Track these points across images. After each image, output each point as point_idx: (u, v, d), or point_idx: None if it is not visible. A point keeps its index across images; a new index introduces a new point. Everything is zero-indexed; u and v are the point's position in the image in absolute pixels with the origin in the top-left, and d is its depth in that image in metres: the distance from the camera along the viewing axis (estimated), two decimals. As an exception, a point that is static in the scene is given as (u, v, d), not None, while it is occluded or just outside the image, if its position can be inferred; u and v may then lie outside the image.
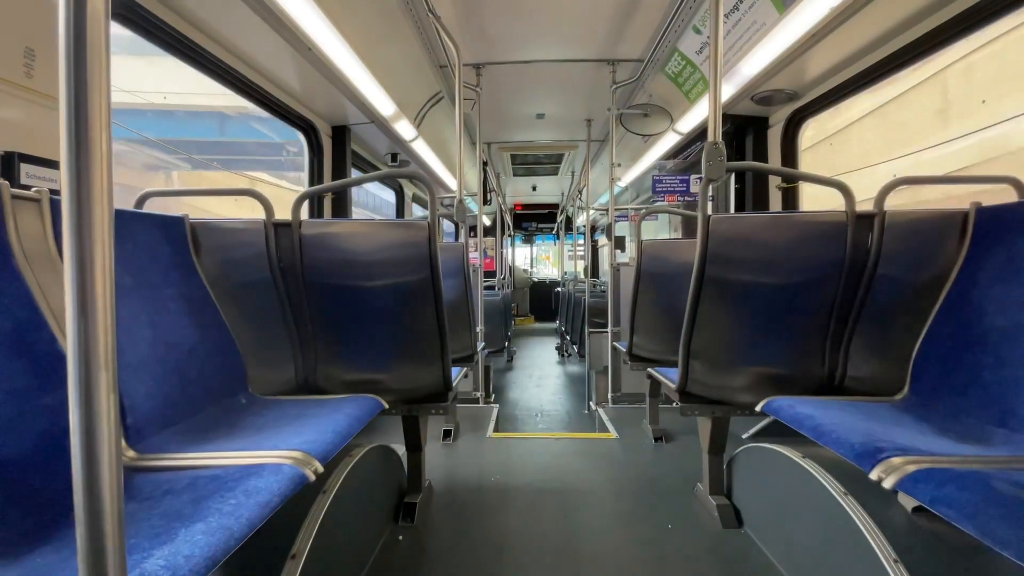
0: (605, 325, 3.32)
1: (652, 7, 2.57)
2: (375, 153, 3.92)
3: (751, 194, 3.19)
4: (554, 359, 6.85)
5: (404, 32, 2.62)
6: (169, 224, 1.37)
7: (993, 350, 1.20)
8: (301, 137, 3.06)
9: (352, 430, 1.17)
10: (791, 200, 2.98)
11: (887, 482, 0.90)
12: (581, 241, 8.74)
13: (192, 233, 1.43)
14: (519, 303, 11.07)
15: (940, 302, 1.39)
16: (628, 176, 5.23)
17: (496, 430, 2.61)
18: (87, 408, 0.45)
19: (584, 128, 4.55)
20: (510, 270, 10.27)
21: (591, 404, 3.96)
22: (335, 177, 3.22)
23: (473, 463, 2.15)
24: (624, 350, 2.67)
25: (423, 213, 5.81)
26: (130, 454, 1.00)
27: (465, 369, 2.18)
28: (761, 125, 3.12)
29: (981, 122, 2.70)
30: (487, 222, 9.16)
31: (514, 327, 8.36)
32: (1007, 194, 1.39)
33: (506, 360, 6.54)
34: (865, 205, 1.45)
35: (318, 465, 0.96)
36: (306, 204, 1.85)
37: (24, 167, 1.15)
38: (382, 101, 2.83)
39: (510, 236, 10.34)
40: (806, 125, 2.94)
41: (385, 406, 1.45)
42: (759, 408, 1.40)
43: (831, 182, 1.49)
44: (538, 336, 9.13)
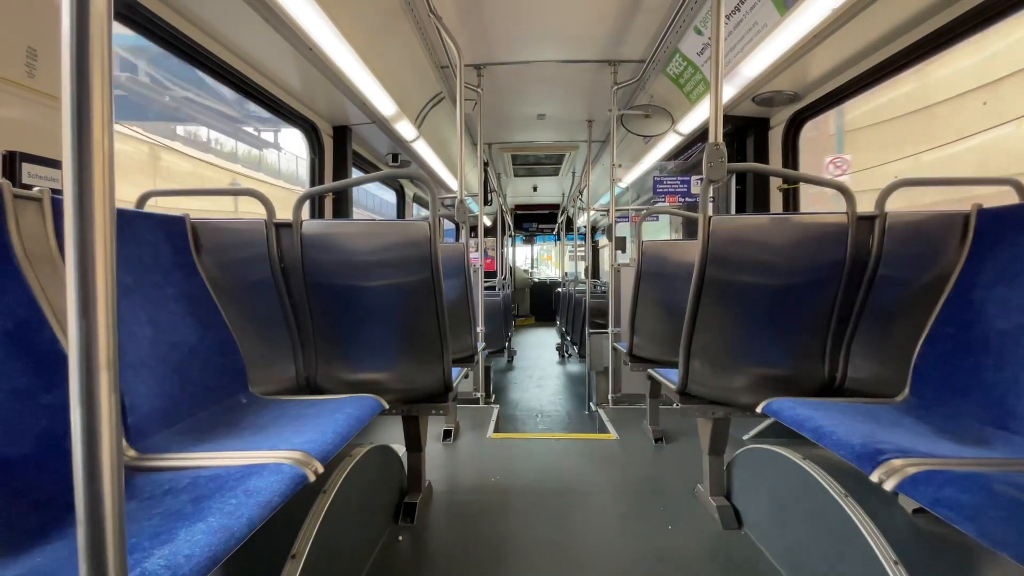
0: (605, 326, 3.31)
1: (653, 8, 2.57)
2: (376, 153, 3.92)
3: (752, 195, 3.20)
4: (554, 359, 6.84)
5: (405, 32, 2.62)
6: (170, 223, 1.37)
7: (994, 352, 1.20)
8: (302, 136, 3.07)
9: (352, 430, 1.17)
10: (792, 201, 2.98)
11: (888, 484, 0.90)
12: (582, 242, 8.74)
13: (193, 233, 1.43)
14: (519, 304, 11.07)
15: (941, 304, 1.39)
16: (629, 177, 5.22)
17: (496, 430, 2.61)
18: (88, 408, 0.45)
19: (585, 129, 4.55)
20: (511, 270, 10.26)
21: (591, 405, 3.96)
22: (336, 177, 3.22)
23: (473, 463, 2.15)
24: (624, 351, 2.67)
25: (424, 213, 5.82)
26: (131, 454, 1.00)
27: (465, 369, 2.17)
28: (762, 126, 3.12)
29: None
30: (488, 222, 9.15)
31: (514, 327, 8.36)
32: (1008, 196, 1.39)
33: (506, 360, 6.54)
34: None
35: (318, 465, 0.95)
36: (307, 204, 1.85)
37: (26, 166, 1.15)
38: (383, 101, 2.83)
39: (511, 236, 10.34)
40: (808, 126, 2.94)
41: (385, 406, 1.45)
42: (759, 409, 1.40)
43: (832, 183, 1.49)
44: (538, 336, 9.12)
